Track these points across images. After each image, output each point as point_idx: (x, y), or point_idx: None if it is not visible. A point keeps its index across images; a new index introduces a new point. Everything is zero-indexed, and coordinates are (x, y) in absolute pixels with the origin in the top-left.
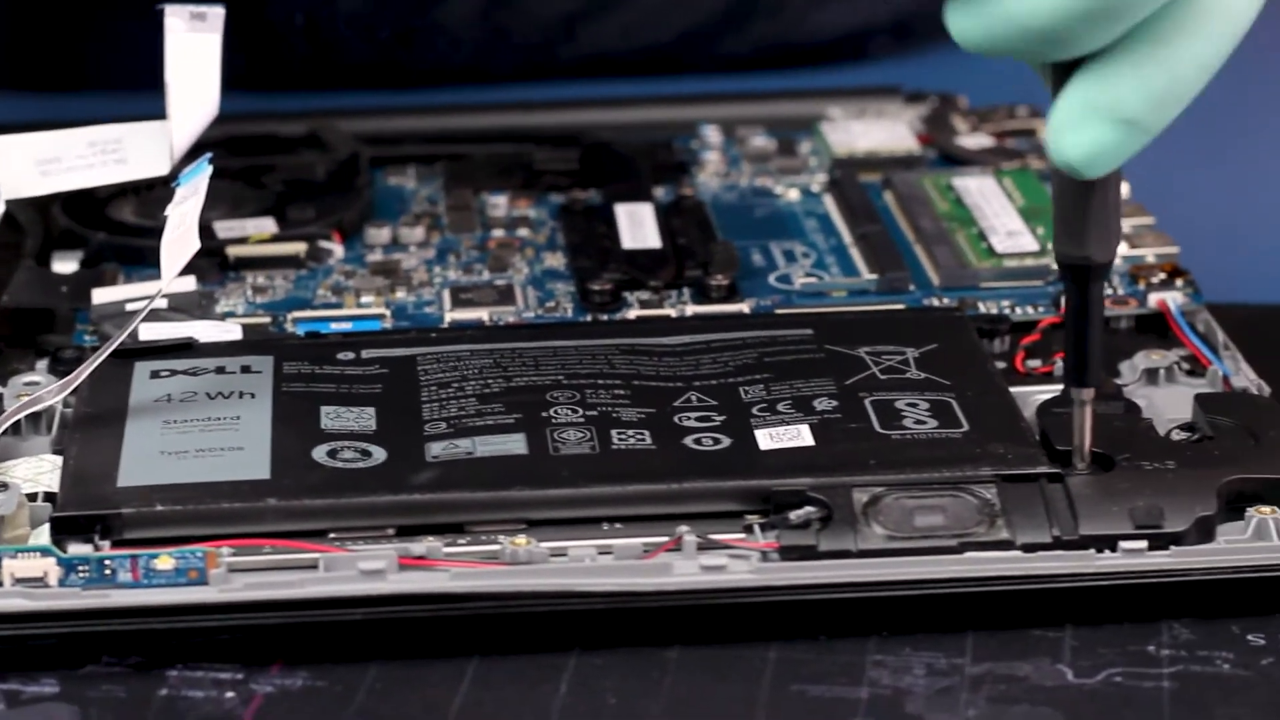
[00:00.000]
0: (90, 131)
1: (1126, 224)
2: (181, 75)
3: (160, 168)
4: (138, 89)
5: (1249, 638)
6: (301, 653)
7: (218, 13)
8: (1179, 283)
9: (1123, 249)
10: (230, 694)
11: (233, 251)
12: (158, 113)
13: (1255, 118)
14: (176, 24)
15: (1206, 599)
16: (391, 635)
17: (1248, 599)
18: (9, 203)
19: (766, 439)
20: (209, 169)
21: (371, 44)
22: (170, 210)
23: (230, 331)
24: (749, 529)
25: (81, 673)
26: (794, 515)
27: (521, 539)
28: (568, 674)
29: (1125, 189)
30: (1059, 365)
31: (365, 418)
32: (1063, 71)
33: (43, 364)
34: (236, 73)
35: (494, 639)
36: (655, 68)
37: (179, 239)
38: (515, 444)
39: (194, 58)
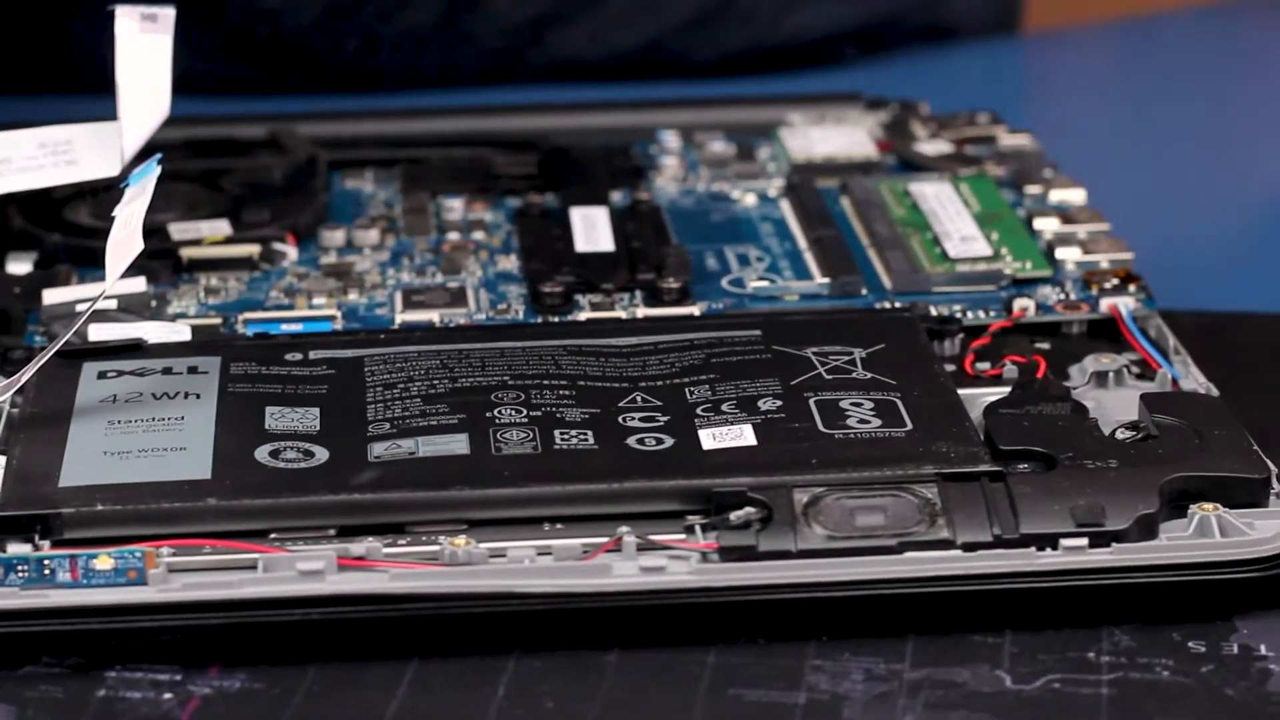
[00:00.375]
0: (40, 132)
1: (1081, 229)
2: (132, 76)
3: (111, 169)
4: (87, 91)
5: (1189, 644)
6: (240, 654)
7: (168, 14)
8: (1132, 288)
9: (1077, 254)
10: (168, 695)
11: (186, 253)
12: (108, 115)
13: (1209, 125)
14: (127, 25)
15: (1148, 599)
16: (330, 636)
17: (1189, 599)
18: None
19: (709, 439)
20: (158, 169)
21: (336, 52)
22: (117, 210)
23: (179, 333)
24: (689, 529)
25: (19, 673)
26: (734, 515)
27: (461, 539)
28: (506, 676)
29: (1081, 195)
30: (1008, 368)
31: (309, 418)
32: None
33: None
34: (199, 79)
35: (433, 640)
36: (622, 73)
37: (125, 239)
38: (458, 444)
39: (145, 59)
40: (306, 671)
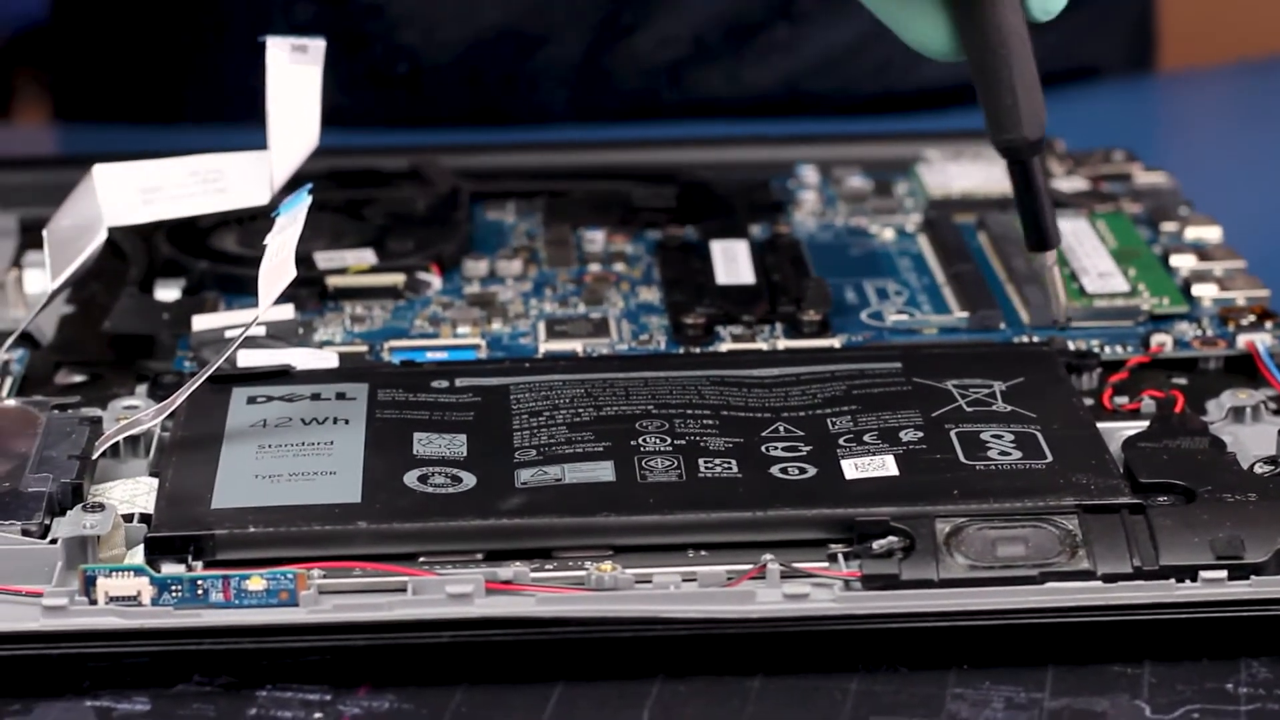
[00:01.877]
0: (192, 161)
1: (1218, 266)
2: (282, 106)
3: (260, 197)
4: (238, 122)
5: None
6: (389, 675)
7: (319, 45)
8: (1268, 325)
9: (1213, 291)
10: (318, 715)
11: (332, 282)
12: (258, 145)
13: None
14: (278, 56)
15: None
16: (478, 659)
17: None
18: (113, 230)
19: (852, 468)
20: (308, 199)
21: (475, 89)
22: (269, 239)
23: (327, 359)
24: (832, 558)
25: (172, 691)
26: (877, 544)
27: (607, 565)
28: (650, 700)
29: (1217, 233)
30: (1146, 402)
31: (457, 444)
32: None
33: (142, 389)
34: (341, 113)
35: (579, 664)
36: (757, 112)
37: (277, 267)
38: (603, 471)
39: (295, 89)
40: (454, 693)
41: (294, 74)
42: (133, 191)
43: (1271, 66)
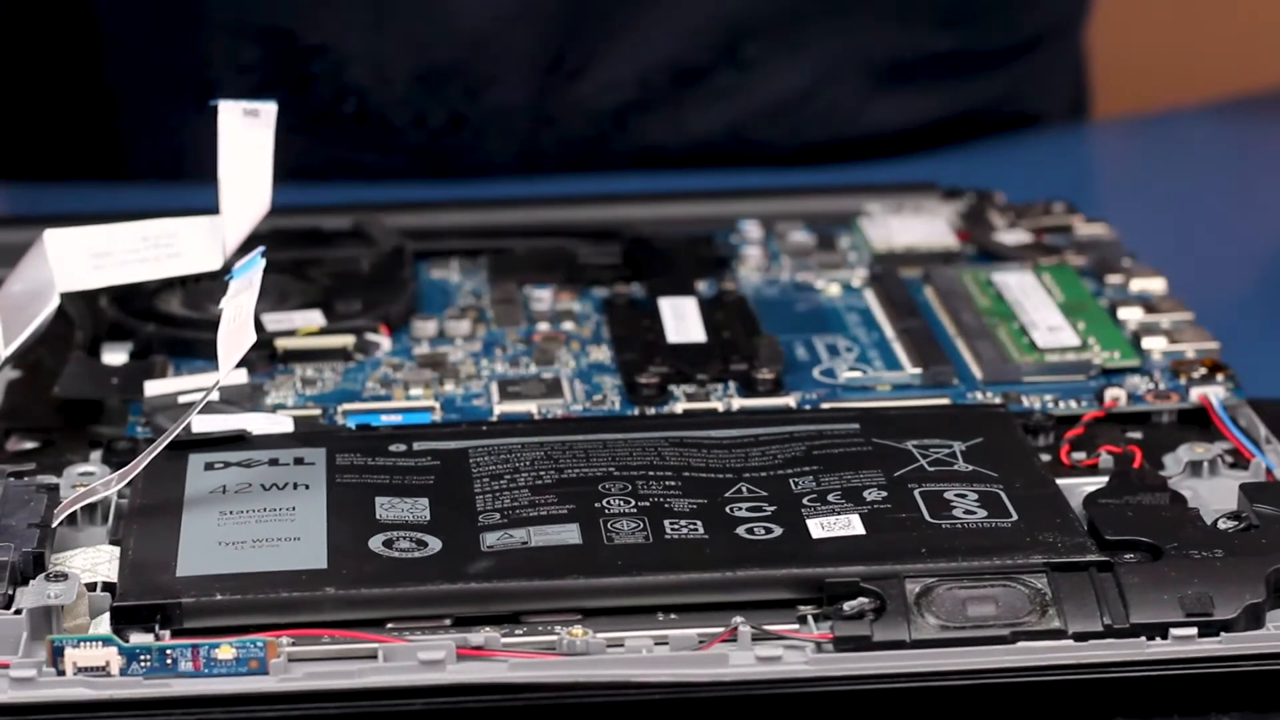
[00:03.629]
0: (143, 225)
1: (1165, 319)
2: (234, 170)
3: (213, 262)
4: (185, 179)
5: None
6: None
7: (270, 109)
8: (1220, 377)
9: (1162, 344)
10: None
11: (281, 344)
12: (203, 201)
13: None
14: (230, 119)
15: (1257, 688)
16: None
17: None
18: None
19: (818, 528)
20: (262, 262)
21: (421, 131)
22: (225, 303)
23: (282, 424)
24: (802, 619)
25: None
26: (848, 606)
27: (578, 629)
28: None
29: (1162, 284)
30: (1104, 457)
31: (419, 508)
32: None
33: (96, 454)
34: (280, 161)
35: None
36: (703, 160)
37: (234, 331)
38: (569, 534)
39: (247, 152)
40: None
41: (246, 137)
42: (84, 256)
43: (1206, 112)
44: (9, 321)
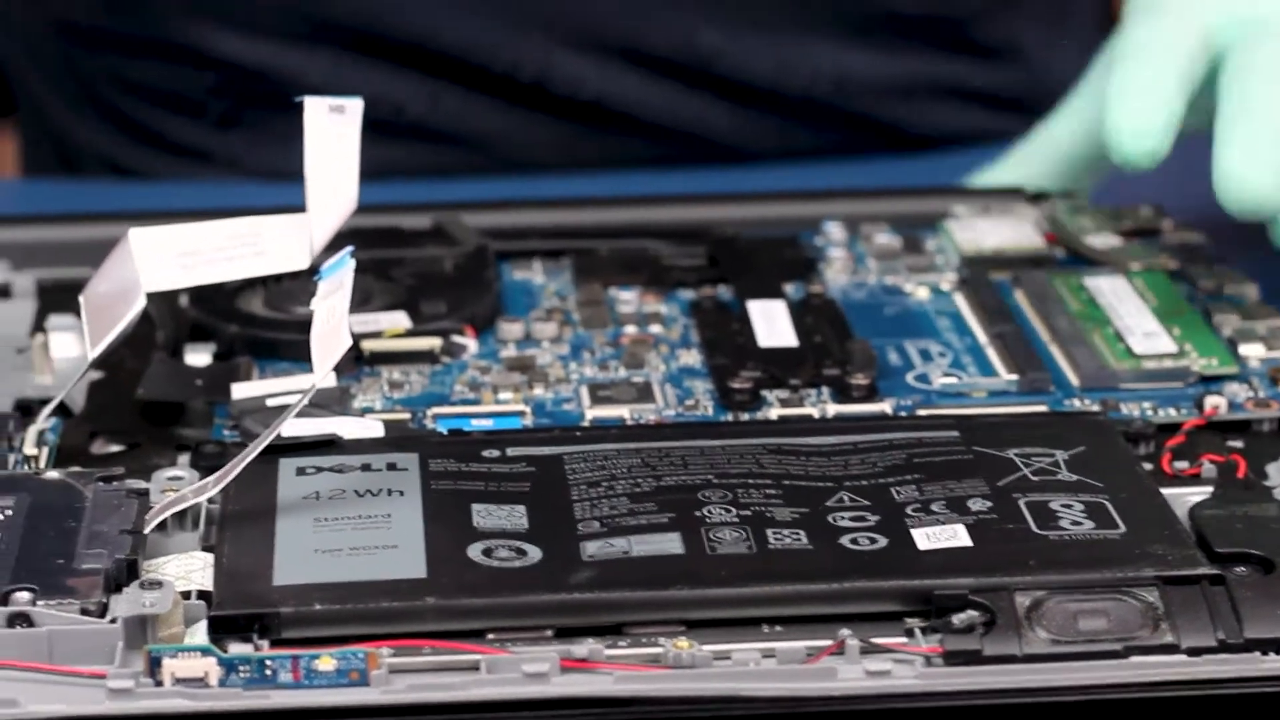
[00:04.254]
0: (229, 224)
1: (1262, 325)
2: (320, 167)
3: (300, 261)
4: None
5: None
6: None
7: (356, 105)
8: None
9: (1260, 351)
10: None
11: (367, 346)
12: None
13: None
14: (316, 116)
15: None
16: None
17: None
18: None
19: (924, 539)
20: (352, 263)
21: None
22: (316, 305)
23: (372, 428)
24: (910, 633)
25: None
26: (957, 619)
27: (684, 641)
28: None
29: (1254, 290)
30: (1207, 467)
31: (517, 516)
32: None
33: (184, 458)
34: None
35: None
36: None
37: (329, 334)
38: (671, 543)
39: (332, 150)
40: None
41: (331, 134)
42: (170, 255)
43: None
44: (95, 322)
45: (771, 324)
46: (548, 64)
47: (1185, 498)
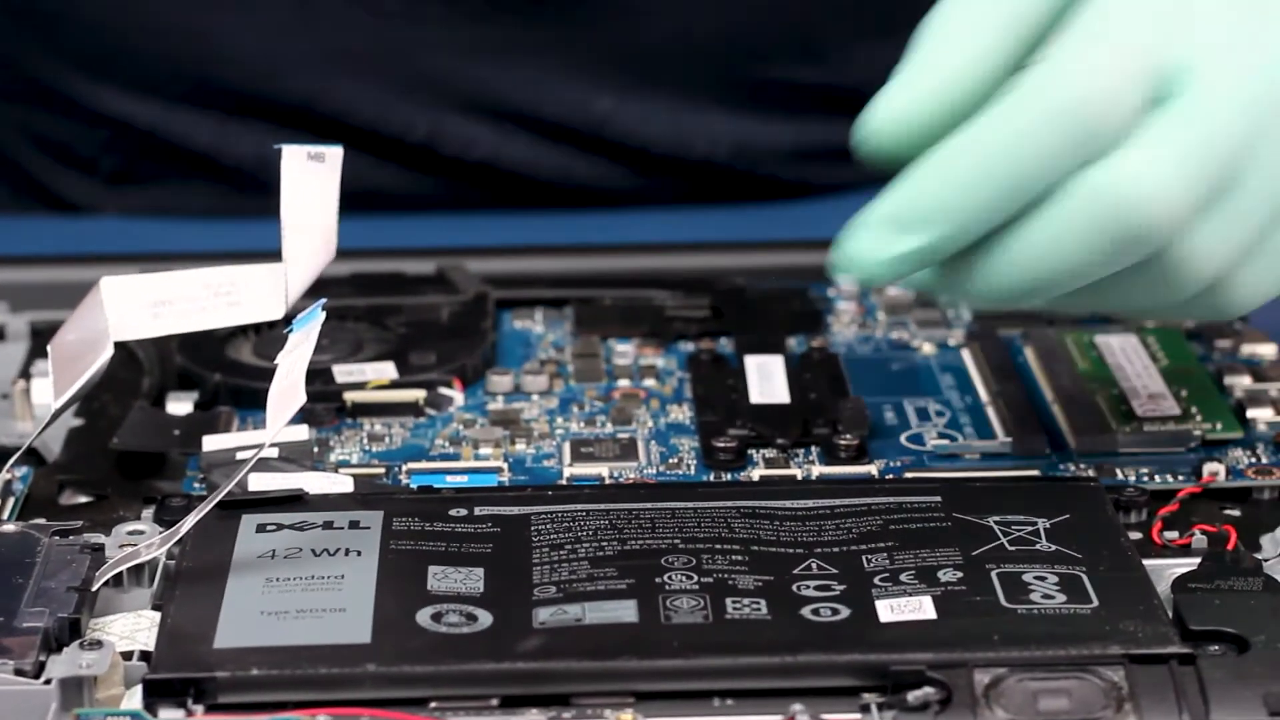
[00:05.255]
0: (204, 273)
1: (1273, 388)
2: (298, 216)
3: (275, 311)
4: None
5: None
6: None
7: (336, 153)
8: None
9: (1268, 414)
10: None
11: (350, 397)
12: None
13: None
14: (293, 164)
15: None
16: None
17: None
18: (125, 342)
19: (887, 610)
20: (321, 315)
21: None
22: (280, 358)
23: (342, 484)
24: (865, 709)
25: None
26: (912, 696)
27: (628, 714)
28: None
29: (1273, 350)
30: (1198, 537)
31: (474, 579)
32: None
33: (149, 512)
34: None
35: None
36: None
37: (286, 390)
38: (626, 611)
39: (311, 198)
40: None
41: (310, 182)
42: (142, 304)
43: None
44: (62, 371)
45: (767, 380)
46: (438, 126)
47: (1170, 570)
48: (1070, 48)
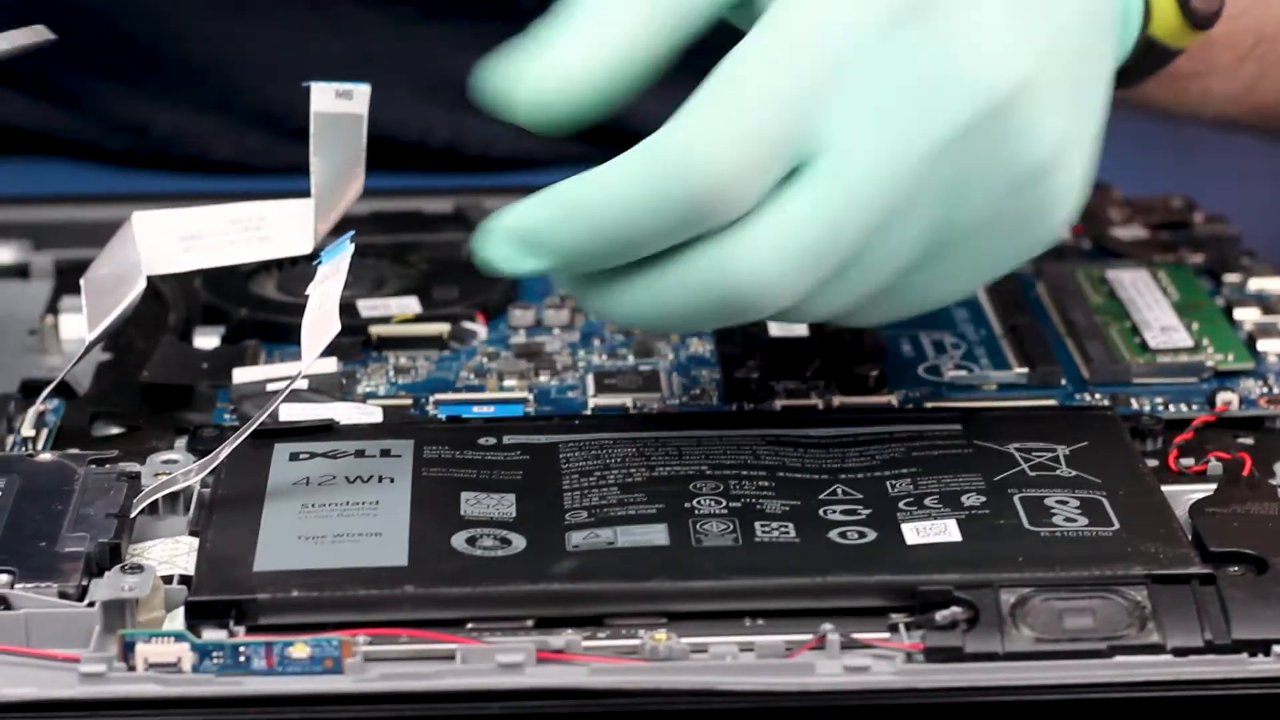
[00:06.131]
0: (233, 208)
1: None
2: (326, 152)
3: (303, 246)
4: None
5: None
6: None
7: (363, 90)
8: None
9: (1278, 346)
10: None
11: (376, 331)
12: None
13: None
14: (322, 100)
15: None
16: None
17: None
18: (151, 278)
19: (913, 533)
20: (350, 248)
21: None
22: (311, 290)
23: (371, 414)
24: (893, 628)
25: None
26: (940, 615)
27: (661, 634)
28: None
29: None
30: (1213, 464)
31: (505, 505)
32: None
33: (181, 442)
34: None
35: None
36: None
37: (320, 320)
38: (657, 535)
39: (339, 135)
40: None
41: (338, 120)
42: (172, 239)
43: None
44: (95, 305)
45: None
46: (460, 128)
47: (1187, 495)
48: (696, 113)
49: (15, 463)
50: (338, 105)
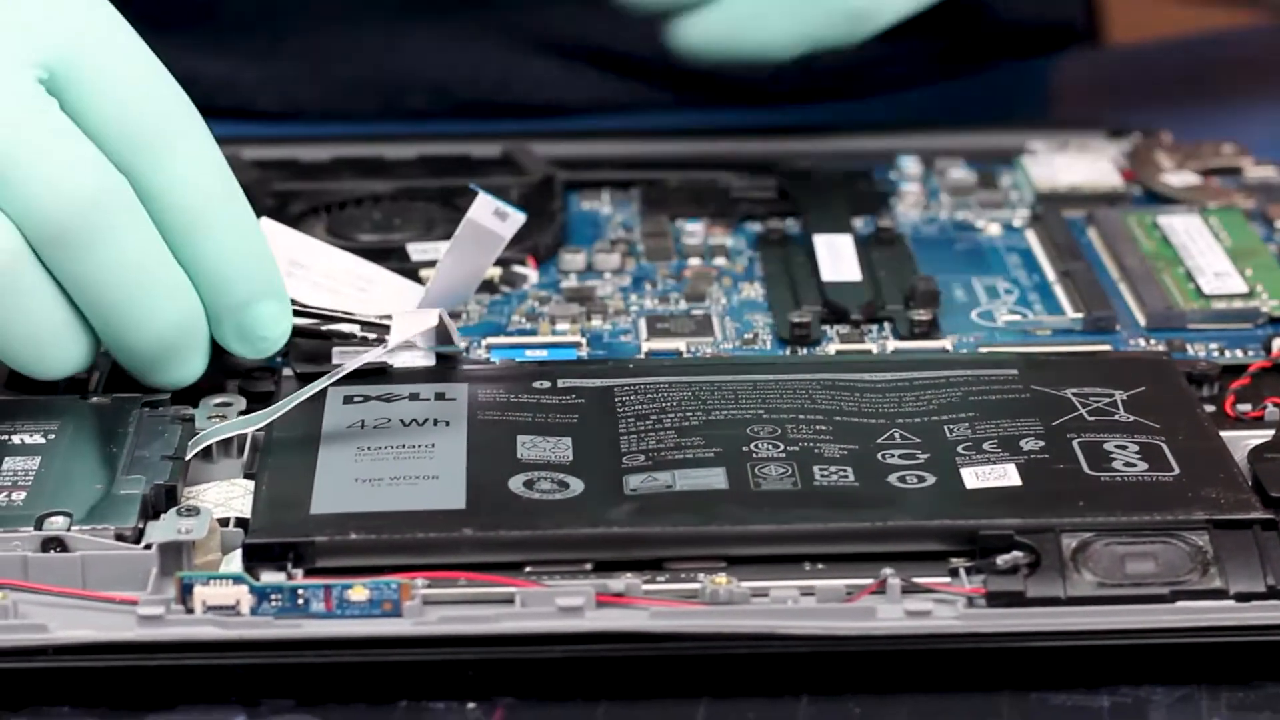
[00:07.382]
0: (350, 258)
1: None
2: (460, 257)
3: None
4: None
5: None
6: (494, 688)
7: (518, 218)
8: None
9: None
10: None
11: (426, 274)
12: None
13: None
14: (480, 212)
15: None
16: (588, 674)
17: None
18: None
19: (972, 478)
20: (522, 217)
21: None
22: (445, 254)
23: (425, 358)
24: (954, 572)
25: (270, 706)
26: (1001, 560)
27: (722, 578)
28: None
29: None
30: (1270, 410)
31: (562, 448)
32: None
33: (233, 383)
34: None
35: (691, 680)
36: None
37: (414, 315)
38: (715, 478)
39: (478, 247)
40: (568, 709)
41: (485, 233)
42: (282, 257)
43: None
44: None
45: (837, 258)
46: (505, 72)
47: (1245, 441)
48: None
49: (69, 406)
50: (490, 222)
